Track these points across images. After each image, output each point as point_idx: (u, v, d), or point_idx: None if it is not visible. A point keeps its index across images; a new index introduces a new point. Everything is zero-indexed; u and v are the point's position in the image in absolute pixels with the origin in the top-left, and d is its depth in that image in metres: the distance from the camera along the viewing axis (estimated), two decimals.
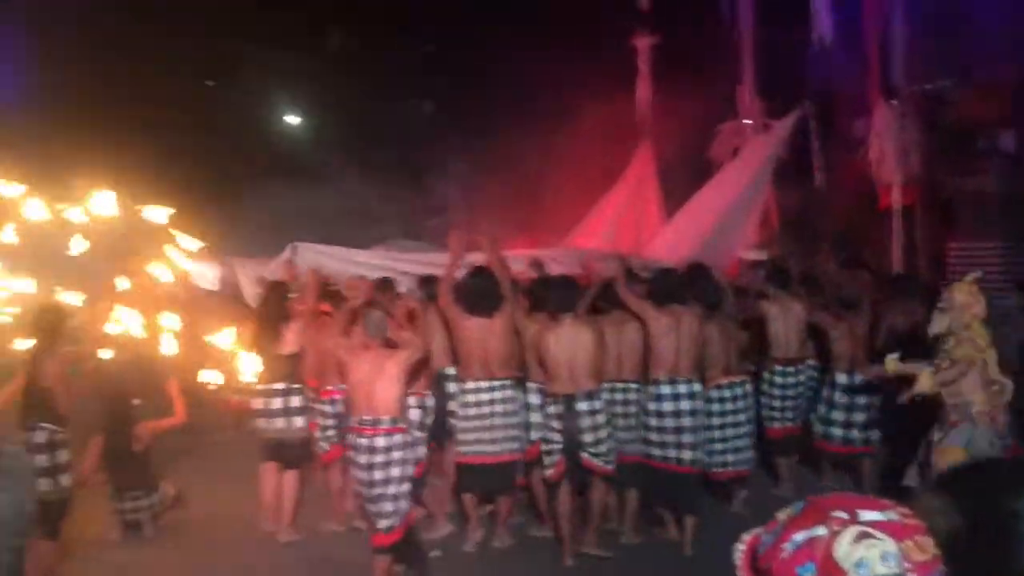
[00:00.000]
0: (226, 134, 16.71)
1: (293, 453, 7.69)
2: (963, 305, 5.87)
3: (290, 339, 7.58)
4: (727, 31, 15.14)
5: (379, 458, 6.11)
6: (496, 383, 7.16)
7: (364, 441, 6.13)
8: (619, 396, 7.38)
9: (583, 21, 15.26)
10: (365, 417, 6.18)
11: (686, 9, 15.51)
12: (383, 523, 6.19)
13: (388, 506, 6.15)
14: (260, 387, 7.57)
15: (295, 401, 7.62)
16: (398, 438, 6.18)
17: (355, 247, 11.46)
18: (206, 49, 16.39)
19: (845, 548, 1.33)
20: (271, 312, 7.62)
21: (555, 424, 6.93)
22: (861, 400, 8.14)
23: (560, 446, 6.90)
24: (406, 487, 6.24)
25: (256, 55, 17.21)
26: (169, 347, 7.40)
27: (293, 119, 19.40)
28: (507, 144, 15.11)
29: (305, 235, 13.77)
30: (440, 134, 17.60)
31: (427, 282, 8.19)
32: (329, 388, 7.63)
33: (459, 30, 17.30)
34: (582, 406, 6.85)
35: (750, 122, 14.98)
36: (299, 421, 7.66)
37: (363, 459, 6.16)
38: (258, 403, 7.60)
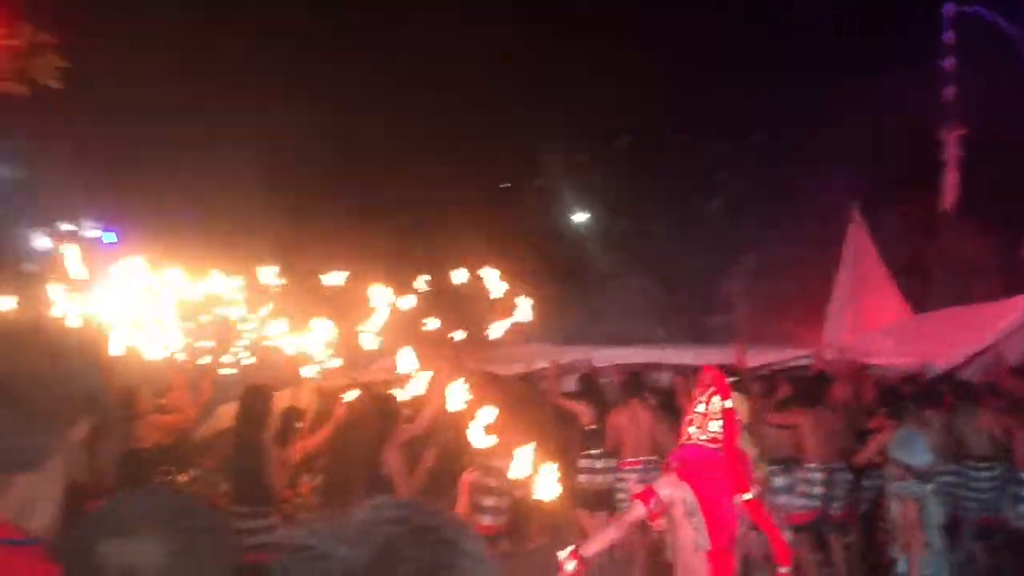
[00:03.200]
0: (517, 233, 17.53)
1: None
2: None
3: None
4: None
5: None
6: None
7: None
8: None
9: (882, 112, 14.68)
10: None
11: (994, 99, 14.50)
12: None
13: None
14: None
15: None
16: None
17: (640, 345, 11.58)
18: (499, 153, 17.42)
19: None
20: None
21: None
22: None
23: None
24: None
25: (547, 158, 18.12)
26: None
27: (581, 217, 20.05)
28: (795, 241, 14.73)
29: (590, 332, 14.19)
30: (727, 231, 17.46)
31: None
32: None
33: (747, 126, 17.27)
34: None
35: None
36: None
37: None
38: None
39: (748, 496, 4.26)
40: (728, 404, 4.34)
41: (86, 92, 9.20)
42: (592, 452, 8.67)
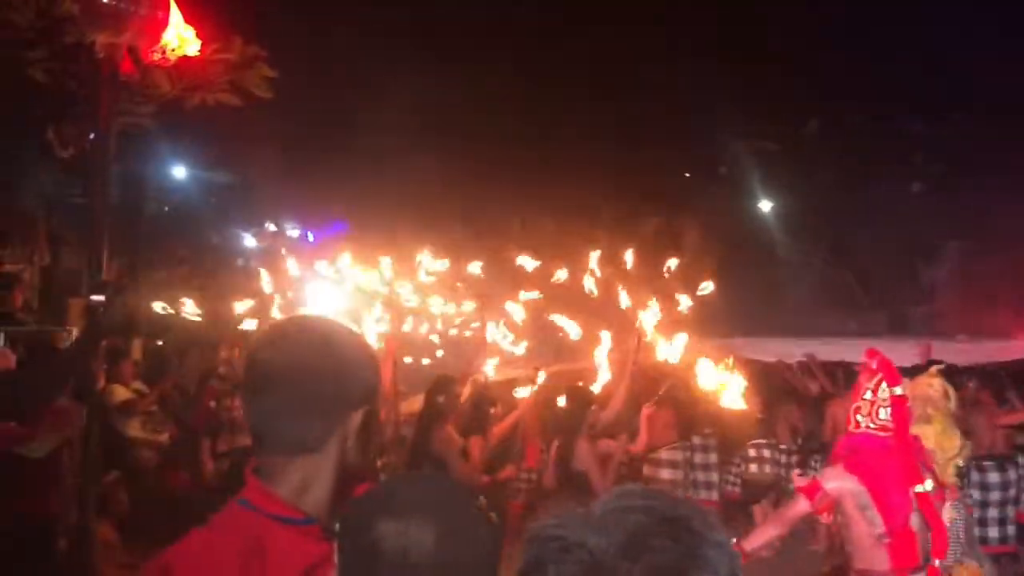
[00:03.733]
0: (704, 222, 17.23)
1: None
2: (924, 398, 4.81)
3: None
4: None
5: None
6: None
7: None
8: None
9: None
10: None
11: None
12: None
13: None
14: None
15: None
16: None
17: (832, 335, 11.18)
18: (685, 142, 17.16)
19: None
20: None
21: None
22: None
23: None
24: None
25: (733, 146, 17.69)
26: None
27: (770, 204, 19.44)
28: (1006, 226, 13.71)
29: (781, 322, 13.79)
30: (930, 216, 16.47)
31: None
32: None
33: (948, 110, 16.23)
34: None
35: None
36: None
37: None
38: None
39: (921, 488, 4.02)
40: (898, 391, 4.14)
41: (291, 100, 9.72)
42: (760, 441, 8.86)
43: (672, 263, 7.06)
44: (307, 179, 13.35)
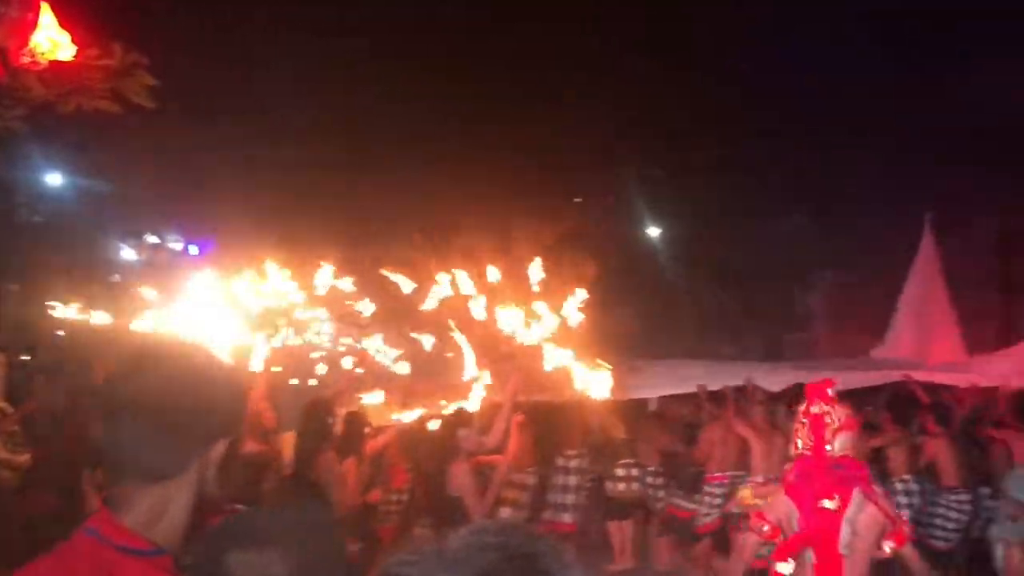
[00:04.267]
0: (591, 248, 17.45)
1: None
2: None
3: None
4: None
5: None
6: None
7: None
8: None
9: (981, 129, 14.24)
10: None
11: None
12: None
13: None
14: None
15: None
16: None
17: (714, 360, 11.48)
18: (572, 168, 17.36)
19: None
20: None
21: None
22: None
23: None
24: None
25: (621, 172, 18.03)
26: None
27: (655, 231, 19.88)
28: (879, 255, 14.36)
29: (666, 346, 14.08)
30: (806, 246, 17.13)
31: None
32: None
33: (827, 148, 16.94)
34: None
35: None
36: None
37: None
38: None
39: (830, 504, 4.22)
40: (814, 409, 4.39)
41: (173, 109, 9.42)
42: (627, 461, 9.26)
43: (536, 274, 6.87)
44: (190, 191, 12.96)
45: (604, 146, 16.84)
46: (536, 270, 6.35)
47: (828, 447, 4.31)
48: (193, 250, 12.76)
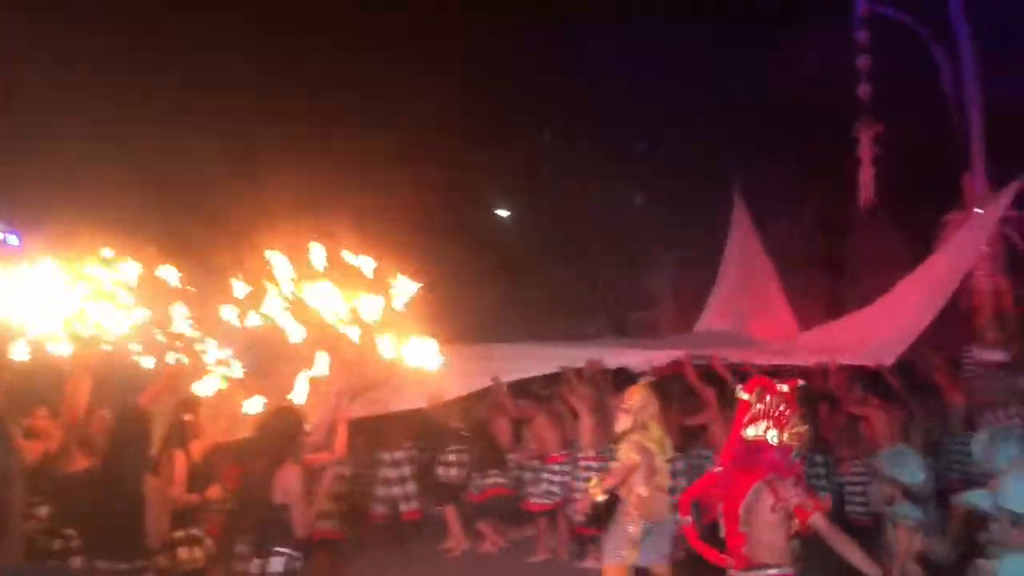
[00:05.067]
0: (439, 227, 17.36)
1: None
2: (642, 407, 6.32)
3: None
4: (953, 119, 14.38)
5: None
6: None
7: None
8: None
9: (802, 112, 14.94)
10: None
11: (909, 98, 14.90)
12: None
13: None
14: None
15: None
16: None
17: (564, 340, 11.64)
18: (421, 145, 17.20)
19: None
20: None
21: None
22: None
23: None
24: None
25: (469, 151, 17.97)
26: None
27: (505, 213, 19.98)
28: (715, 233, 14.86)
29: (515, 328, 14.17)
30: (650, 226, 17.58)
31: None
32: None
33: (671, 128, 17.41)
34: None
35: (980, 211, 13.98)
36: None
37: None
38: None
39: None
40: (743, 396, 4.39)
41: None
42: (458, 447, 9.48)
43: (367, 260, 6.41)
44: (11, 176, 12.12)
45: (450, 126, 16.76)
46: (369, 255, 5.95)
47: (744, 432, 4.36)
48: (12, 240, 11.90)
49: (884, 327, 10.30)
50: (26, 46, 11.30)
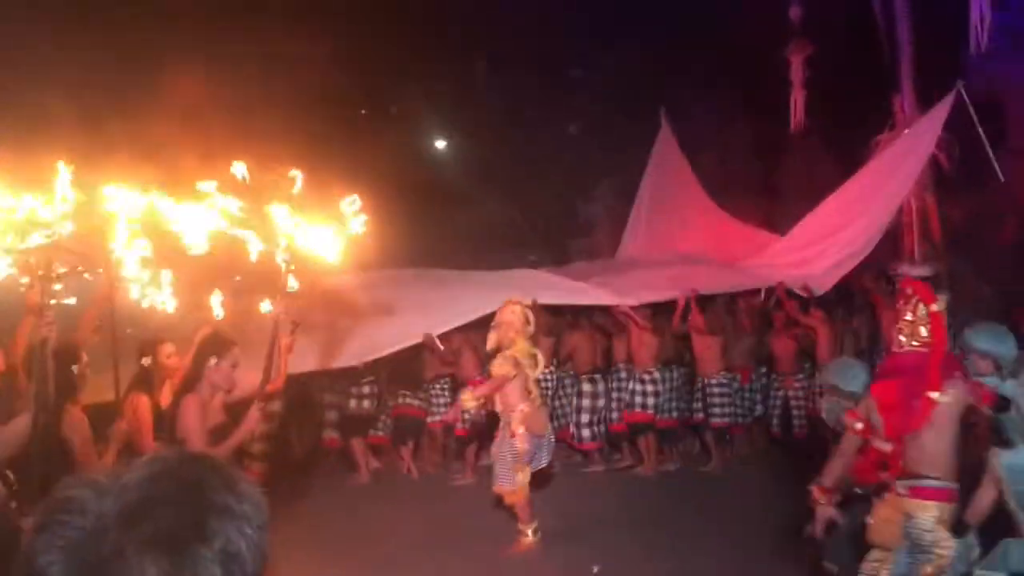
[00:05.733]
0: (376, 160, 17.11)
1: None
2: (508, 324, 6.69)
3: None
4: (882, 40, 14.50)
5: None
6: None
7: None
8: None
9: (733, 35, 14.94)
10: None
11: (839, 19, 14.99)
12: None
13: None
14: None
15: None
16: None
17: (504, 269, 11.65)
18: (358, 77, 16.85)
19: None
20: None
21: None
22: None
23: None
24: None
25: (405, 83, 17.67)
26: None
27: (441, 143, 19.74)
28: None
29: (455, 258, 14.10)
30: (584, 155, 17.55)
31: None
32: None
33: (605, 55, 17.28)
34: None
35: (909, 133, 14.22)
36: None
37: None
38: None
39: (934, 395, 4.42)
40: (935, 308, 4.56)
41: None
42: (367, 379, 9.73)
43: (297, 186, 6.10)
44: None
45: (383, 57, 16.44)
46: (298, 181, 5.68)
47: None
48: None
49: (827, 253, 10.57)
50: None
